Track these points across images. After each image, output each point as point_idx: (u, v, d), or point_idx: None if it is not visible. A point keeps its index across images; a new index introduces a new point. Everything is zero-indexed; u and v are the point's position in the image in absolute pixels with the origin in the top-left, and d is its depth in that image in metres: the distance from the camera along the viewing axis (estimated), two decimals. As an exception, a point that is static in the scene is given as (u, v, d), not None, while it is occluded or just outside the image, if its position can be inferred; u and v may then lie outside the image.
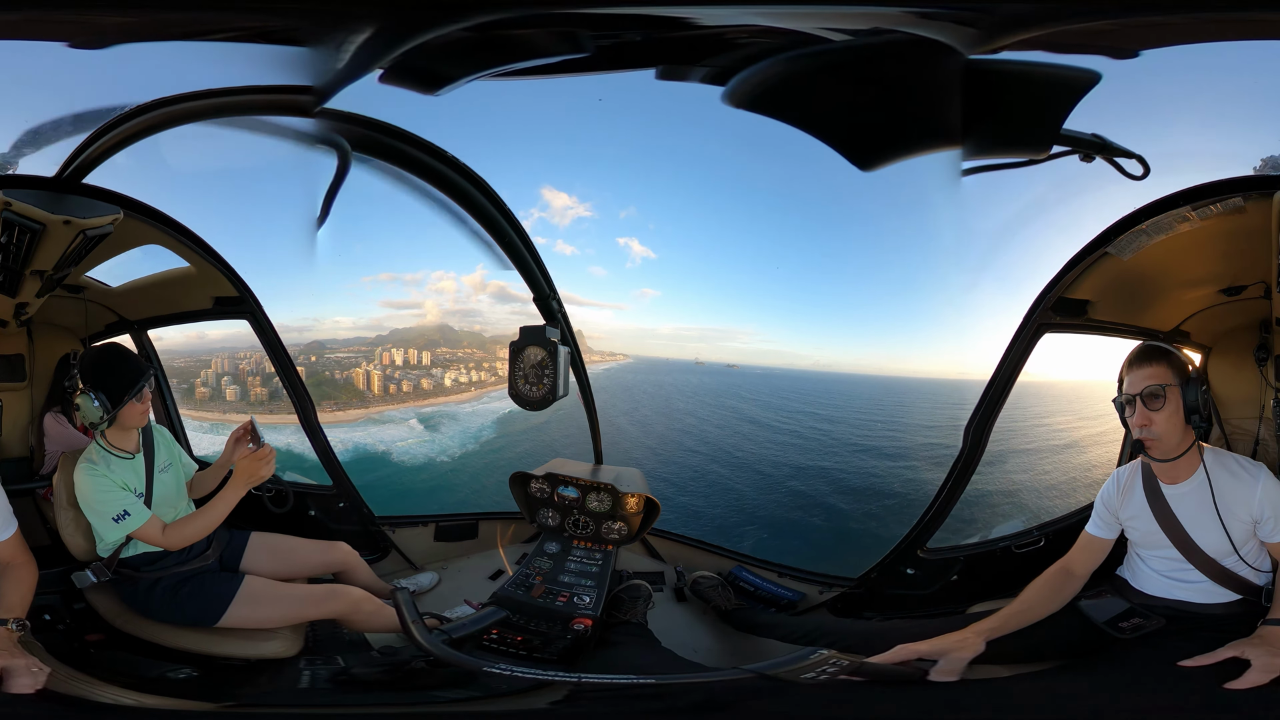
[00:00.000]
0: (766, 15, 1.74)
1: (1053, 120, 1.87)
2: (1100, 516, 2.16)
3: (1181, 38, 1.70)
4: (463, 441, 30.86)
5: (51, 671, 1.72)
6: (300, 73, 1.96)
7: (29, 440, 2.96)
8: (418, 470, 24.87)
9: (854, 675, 1.86)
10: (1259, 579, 1.96)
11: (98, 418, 2.20)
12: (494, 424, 34.28)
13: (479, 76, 1.94)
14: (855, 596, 3.01)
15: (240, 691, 2.23)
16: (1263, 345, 2.33)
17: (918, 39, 1.64)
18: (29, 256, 2.31)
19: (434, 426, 33.69)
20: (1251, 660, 1.65)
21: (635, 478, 3.35)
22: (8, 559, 2.04)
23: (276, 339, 3.11)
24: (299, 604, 2.35)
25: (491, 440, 30.83)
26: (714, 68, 1.87)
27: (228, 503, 2.32)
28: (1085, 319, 2.52)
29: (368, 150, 2.29)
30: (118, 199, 2.32)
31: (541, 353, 2.44)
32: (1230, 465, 1.97)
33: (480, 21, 1.75)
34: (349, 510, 3.27)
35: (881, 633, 2.35)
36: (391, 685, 2.23)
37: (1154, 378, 1.96)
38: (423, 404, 41.81)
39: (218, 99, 2.19)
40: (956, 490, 2.79)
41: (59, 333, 3.04)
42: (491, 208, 2.51)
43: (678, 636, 2.74)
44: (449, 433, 32.90)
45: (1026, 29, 1.62)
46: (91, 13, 1.85)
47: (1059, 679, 2.00)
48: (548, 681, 2.00)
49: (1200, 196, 2.01)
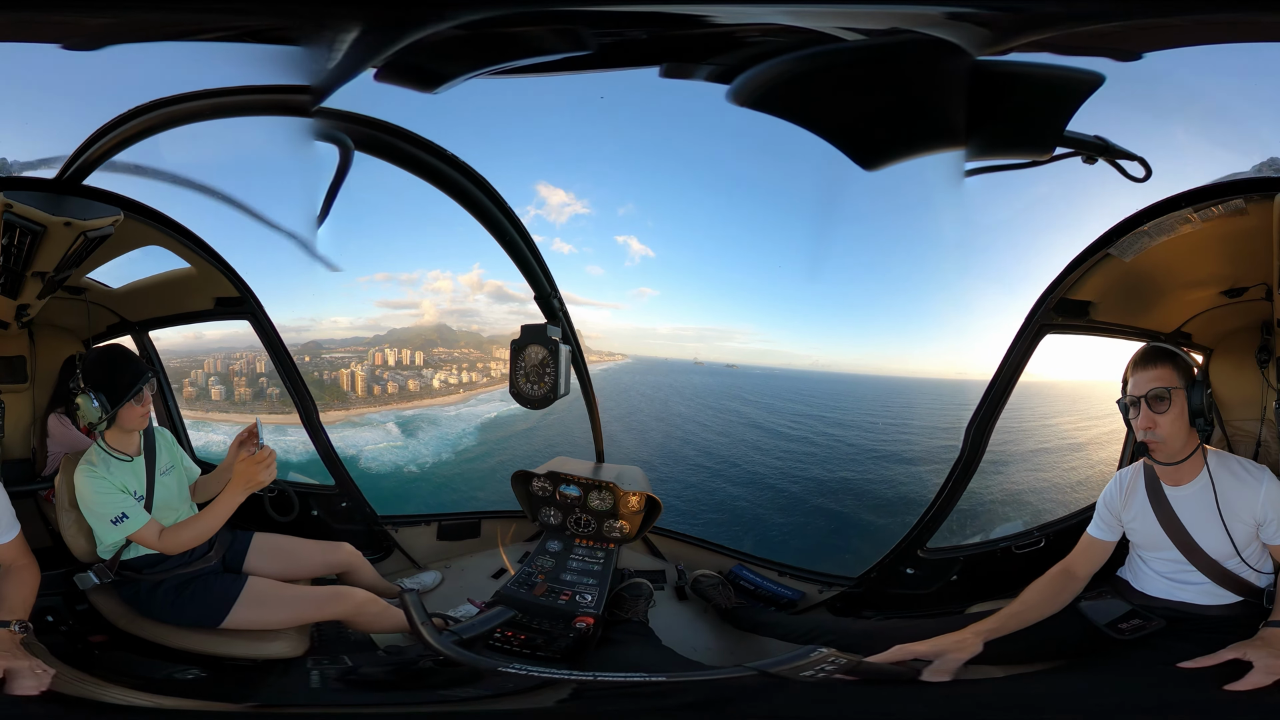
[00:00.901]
0: (786, 13, 1.72)
1: (1056, 122, 1.87)
2: (1102, 518, 2.16)
3: (1184, 40, 1.70)
4: (438, 449, 29.23)
5: (55, 673, 1.73)
6: (299, 72, 1.95)
7: (31, 442, 2.96)
8: (379, 478, 23.16)
9: (852, 674, 1.87)
10: (1260, 581, 1.97)
11: (96, 418, 2.20)
12: (476, 430, 33.01)
13: (479, 74, 1.93)
14: (855, 596, 3.02)
15: (249, 692, 2.24)
16: (1264, 347, 2.33)
17: (928, 40, 1.63)
18: (30, 258, 2.30)
19: (411, 431, 32.08)
20: (1254, 662, 1.66)
21: (637, 476, 3.36)
22: (10, 561, 2.04)
23: (277, 339, 3.11)
24: (303, 605, 2.35)
25: (469, 449, 29.24)
26: (719, 66, 1.86)
27: (225, 509, 2.25)
28: (1087, 320, 2.52)
29: (368, 149, 2.29)
30: (118, 200, 2.32)
31: (543, 351, 2.45)
32: (1233, 468, 1.98)
33: (480, 18, 1.74)
34: (352, 510, 3.27)
35: (881, 632, 2.36)
36: (399, 685, 2.24)
37: (1159, 380, 1.96)
38: (406, 406, 40.58)
39: (217, 99, 2.18)
40: (957, 490, 2.80)
41: (61, 334, 3.03)
42: (492, 206, 2.51)
43: (679, 635, 2.75)
44: (425, 439, 31.11)
45: (1038, 31, 1.62)
46: (84, 14, 1.84)
47: (1059, 680, 2.01)
48: (553, 680, 2.01)
49: (1202, 198, 2.01)
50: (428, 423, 34.82)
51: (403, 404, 41.33)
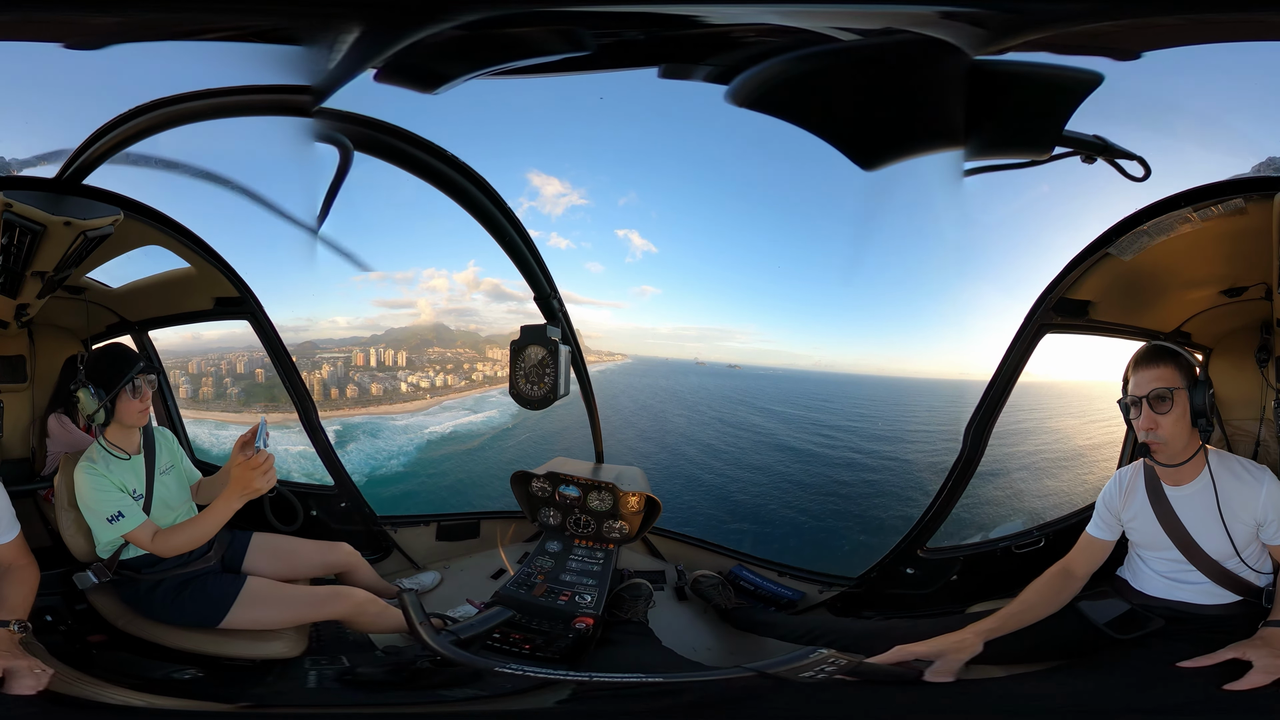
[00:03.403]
0: (779, 13, 1.72)
1: (1055, 122, 1.87)
2: (1101, 517, 2.16)
3: (1183, 39, 1.70)
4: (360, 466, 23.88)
5: (53, 673, 1.72)
6: (300, 72, 1.95)
7: (30, 441, 2.96)
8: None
9: (852, 675, 1.86)
10: (1259, 580, 1.97)
11: (94, 408, 2.21)
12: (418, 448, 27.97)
13: (478, 75, 1.94)
14: (855, 596, 3.02)
15: (248, 691, 2.23)
16: (1263, 346, 2.33)
17: (925, 39, 1.63)
18: (30, 258, 2.31)
19: (344, 442, 26.84)
20: (1253, 661, 1.65)
21: (636, 476, 3.36)
22: (10, 561, 2.04)
23: (277, 339, 3.11)
24: (302, 605, 2.35)
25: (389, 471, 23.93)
26: (718, 66, 1.86)
27: (220, 515, 2.16)
28: (1086, 319, 2.52)
29: (368, 149, 2.29)
30: (118, 200, 2.32)
31: (542, 351, 2.45)
32: (1234, 468, 1.97)
33: (478, 18, 1.74)
34: (351, 510, 3.27)
35: (881, 632, 2.36)
36: (398, 685, 2.23)
37: (1161, 380, 1.94)
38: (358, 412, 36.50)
39: (217, 99, 2.18)
40: (956, 490, 2.80)
41: (60, 334, 3.03)
42: (491, 206, 2.51)
43: (678, 635, 2.75)
44: (352, 452, 26.08)
45: (1034, 30, 1.62)
46: (87, 13, 1.85)
47: (1058, 679, 2.01)
48: (552, 680, 2.00)
49: (1201, 198, 2.01)
50: (368, 433, 30.27)
51: (356, 409, 37.46)
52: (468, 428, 32.22)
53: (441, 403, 40.20)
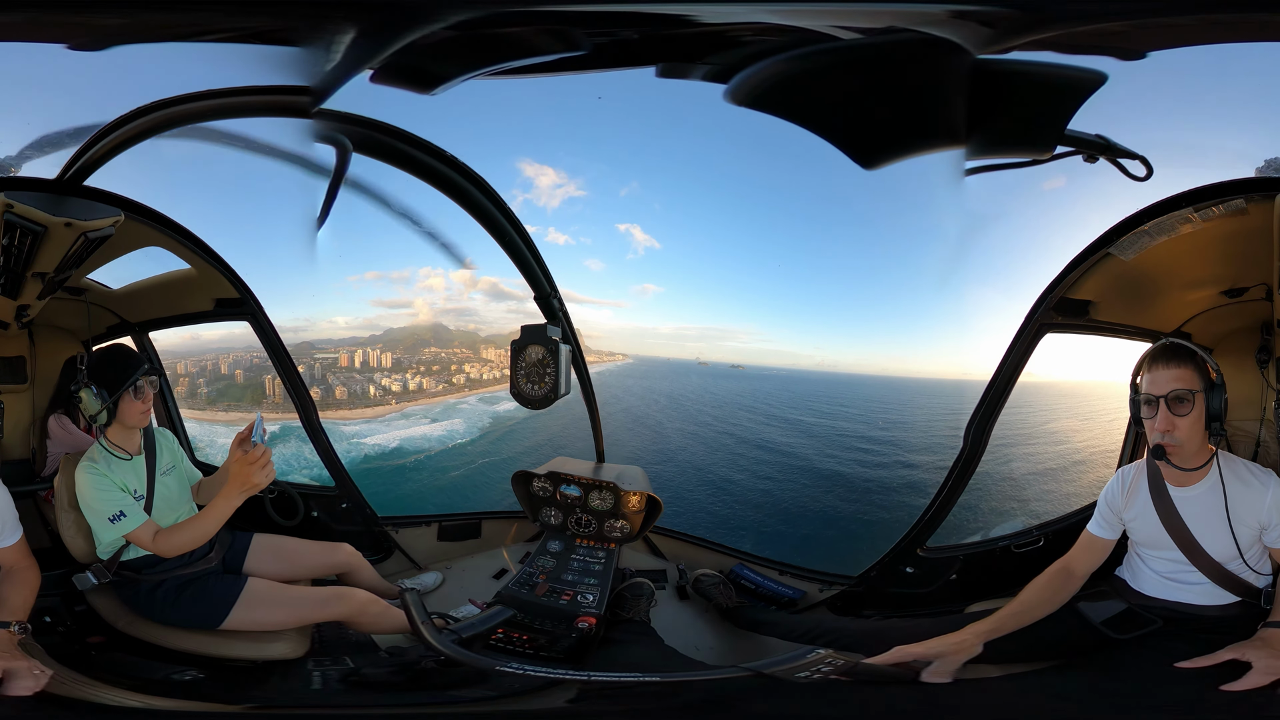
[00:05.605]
0: (775, 12, 1.71)
1: (1058, 121, 1.87)
2: (1103, 516, 2.15)
3: (1187, 39, 1.69)
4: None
5: (52, 674, 1.72)
6: (300, 73, 1.95)
7: (30, 442, 2.96)
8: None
9: (851, 675, 1.87)
10: (1259, 581, 1.97)
11: (96, 409, 2.21)
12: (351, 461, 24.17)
13: (473, 76, 1.93)
14: (855, 594, 3.02)
15: (250, 693, 2.23)
16: (1264, 347, 2.33)
17: (927, 38, 1.62)
18: (30, 259, 2.30)
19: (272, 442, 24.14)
20: (1252, 662, 1.65)
21: (637, 476, 3.36)
22: (11, 563, 2.04)
23: (277, 339, 3.11)
24: (304, 606, 2.35)
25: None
26: (716, 65, 1.85)
27: (220, 513, 2.16)
28: (1087, 319, 2.52)
29: (367, 150, 2.29)
30: (119, 201, 2.32)
31: (542, 351, 2.45)
32: (1240, 471, 1.95)
33: (472, 18, 1.73)
34: (352, 511, 3.27)
35: (880, 631, 2.36)
36: (402, 685, 2.23)
37: (1180, 381, 1.89)
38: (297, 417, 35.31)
39: (218, 100, 2.18)
40: (956, 490, 2.80)
41: (60, 335, 3.03)
42: (491, 206, 2.51)
43: (680, 634, 2.76)
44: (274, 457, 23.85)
45: (1045, 29, 1.61)
46: (91, 14, 1.84)
47: (1056, 679, 2.01)
48: (555, 680, 2.01)
49: (1203, 198, 2.01)
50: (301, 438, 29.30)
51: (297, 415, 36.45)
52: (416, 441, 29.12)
53: (404, 409, 37.82)
